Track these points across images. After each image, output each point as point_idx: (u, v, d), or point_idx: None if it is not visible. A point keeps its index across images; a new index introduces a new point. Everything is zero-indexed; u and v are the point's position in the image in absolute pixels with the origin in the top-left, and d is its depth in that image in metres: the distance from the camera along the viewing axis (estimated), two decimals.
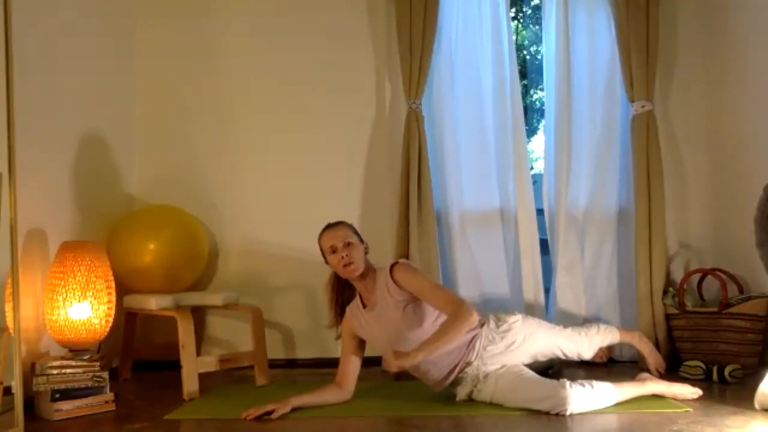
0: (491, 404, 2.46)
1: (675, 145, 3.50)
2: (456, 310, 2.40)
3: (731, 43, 3.32)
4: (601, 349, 3.15)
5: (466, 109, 3.52)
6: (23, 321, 2.40)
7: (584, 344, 2.80)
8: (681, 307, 3.13)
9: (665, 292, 3.23)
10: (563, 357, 2.77)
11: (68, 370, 2.47)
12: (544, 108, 3.65)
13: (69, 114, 2.98)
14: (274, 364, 3.22)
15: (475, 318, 2.42)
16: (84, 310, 2.56)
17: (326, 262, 2.64)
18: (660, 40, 3.35)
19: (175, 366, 2.79)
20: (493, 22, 3.50)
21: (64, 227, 2.88)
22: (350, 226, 2.65)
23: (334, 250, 2.56)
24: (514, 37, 3.67)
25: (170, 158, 3.60)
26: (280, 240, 3.53)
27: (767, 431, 2.10)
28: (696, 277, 3.28)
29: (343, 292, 2.71)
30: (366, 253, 2.62)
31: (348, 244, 2.55)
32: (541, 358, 2.72)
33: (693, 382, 2.68)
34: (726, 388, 2.71)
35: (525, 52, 4.86)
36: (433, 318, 2.52)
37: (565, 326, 2.86)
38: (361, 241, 2.63)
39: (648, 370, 2.90)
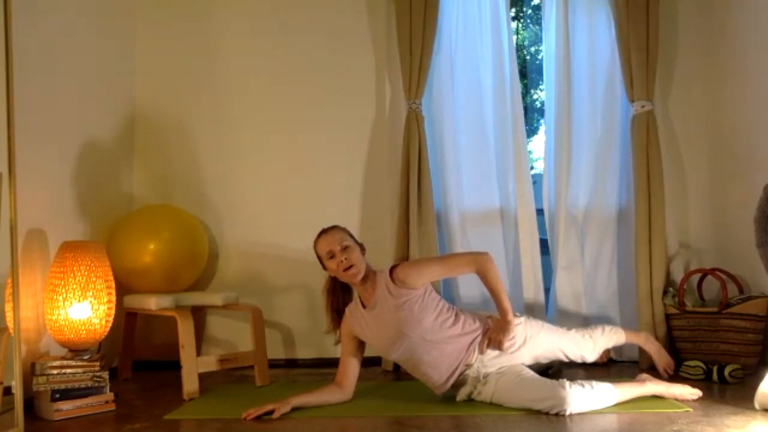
0: (491, 404, 2.46)
1: (675, 145, 3.50)
2: (476, 267, 2.55)
3: (731, 43, 3.32)
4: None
5: (466, 109, 3.52)
6: (23, 321, 2.41)
7: (588, 347, 2.76)
8: (681, 307, 3.13)
9: (665, 292, 3.23)
10: (566, 360, 2.76)
11: (68, 370, 2.47)
12: (544, 108, 3.65)
13: (69, 114, 2.98)
14: (274, 364, 3.22)
15: (487, 255, 2.57)
16: (84, 310, 2.56)
17: (324, 268, 2.62)
18: (660, 40, 3.35)
19: (175, 366, 2.79)
20: (493, 22, 3.50)
21: (64, 227, 2.88)
22: (345, 230, 2.63)
23: (332, 255, 2.54)
24: (514, 37, 3.67)
25: (170, 158, 3.60)
26: (280, 240, 3.53)
27: (767, 431, 2.10)
28: (696, 277, 3.28)
29: (340, 297, 2.69)
30: (363, 254, 2.60)
31: (345, 248, 2.53)
32: (543, 360, 2.71)
33: (693, 382, 2.68)
34: (726, 388, 2.71)
35: (525, 52, 4.86)
36: (433, 317, 2.51)
37: (569, 328, 2.82)
38: (357, 243, 2.62)
39: (656, 374, 2.82)
